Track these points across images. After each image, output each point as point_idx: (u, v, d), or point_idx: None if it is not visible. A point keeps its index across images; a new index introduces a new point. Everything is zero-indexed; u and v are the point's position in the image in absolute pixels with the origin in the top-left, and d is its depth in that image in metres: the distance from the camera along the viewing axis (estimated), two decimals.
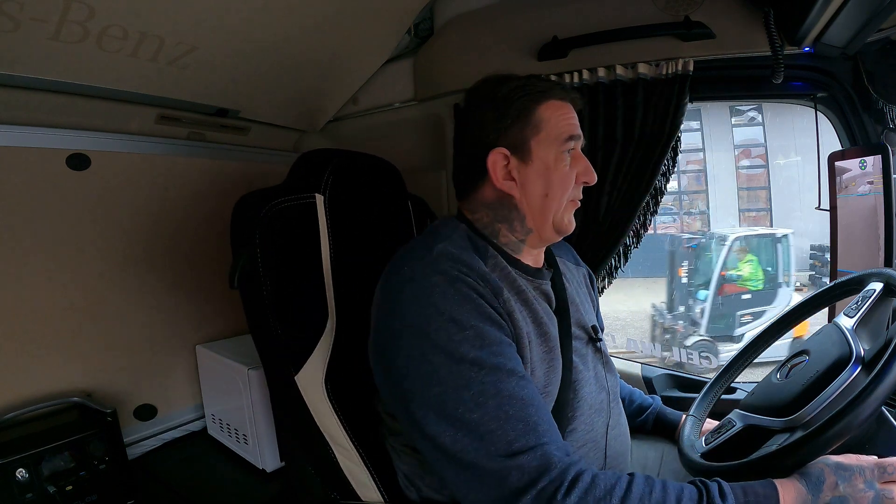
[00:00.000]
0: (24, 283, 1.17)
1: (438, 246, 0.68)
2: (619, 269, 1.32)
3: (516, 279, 0.73)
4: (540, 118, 0.73)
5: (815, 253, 10.85)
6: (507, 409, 0.57)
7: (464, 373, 0.59)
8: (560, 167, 0.74)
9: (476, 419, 0.57)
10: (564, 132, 0.74)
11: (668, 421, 0.98)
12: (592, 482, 0.55)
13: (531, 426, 0.57)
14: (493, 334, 0.61)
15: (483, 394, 0.58)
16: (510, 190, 0.74)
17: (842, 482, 0.55)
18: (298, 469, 0.97)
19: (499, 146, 0.73)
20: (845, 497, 0.55)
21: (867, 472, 0.56)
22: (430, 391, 0.60)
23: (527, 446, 0.56)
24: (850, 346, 0.63)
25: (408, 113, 1.52)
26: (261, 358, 0.90)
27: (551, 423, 0.60)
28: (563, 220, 0.76)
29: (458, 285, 0.63)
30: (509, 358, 0.61)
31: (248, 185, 0.99)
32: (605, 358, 0.84)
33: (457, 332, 0.60)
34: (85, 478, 1.10)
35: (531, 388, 0.61)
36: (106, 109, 1.21)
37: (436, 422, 0.59)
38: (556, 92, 0.75)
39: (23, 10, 0.83)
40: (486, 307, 0.63)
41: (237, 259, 0.83)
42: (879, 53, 0.99)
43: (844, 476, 0.56)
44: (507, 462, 0.55)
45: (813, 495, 0.55)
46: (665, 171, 1.19)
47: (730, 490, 0.55)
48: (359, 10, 1.17)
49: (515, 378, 0.60)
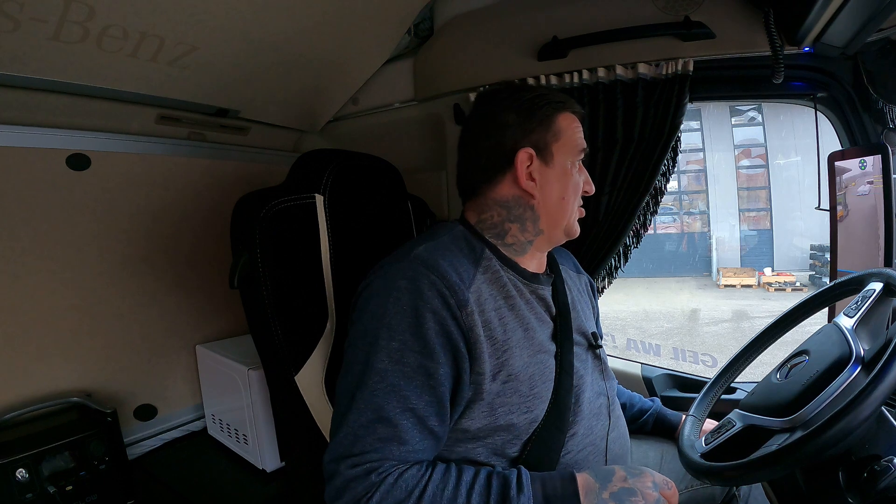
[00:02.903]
0: (24, 283, 1.17)
1: (419, 248, 0.69)
2: (619, 269, 1.32)
3: (507, 283, 0.74)
4: (560, 126, 0.78)
5: (815, 253, 10.88)
6: (376, 426, 0.61)
7: (367, 376, 0.63)
8: (574, 174, 0.79)
9: (355, 418, 0.62)
10: (579, 144, 0.79)
11: (667, 422, 0.98)
12: (393, 486, 0.58)
13: (385, 450, 0.60)
14: (412, 357, 0.63)
15: (369, 401, 0.62)
16: (531, 190, 0.77)
17: (631, 477, 0.63)
18: (298, 469, 0.97)
19: (526, 146, 0.76)
20: (634, 489, 0.62)
21: (657, 476, 0.65)
22: (346, 377, 0.66)
23: (364, 461, 0.59)
24: (850, 346, 0.63)
25: (408, 113, 1.52)
26: (261, 358, 0.90)
27: (410, 455, 0.62)
28: (573, 224, 0.81)
29: (415, 297, 0.64)
30: (414, 388, 0.63)
31: (248, 185, 0.99)
32: (604, 365, 0.85)
33: (386, 339, 0.63)
34: (85, 478, 1.10)
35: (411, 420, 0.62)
36: (106, 109, 1.21)
37: (338, 402, 0.66)
38: (571, 105, 0.81)
39: (23, 10, 0.83)
40: (428, 328, 0.64)
41: (237, 259, 0.83)
42: (879, 53, 0.99)
43: (634, 473, 0.64)
44: (344, 468, 0.60)
45: (600, 484, 0.62)
46: (665, 171, 1.19)
47: (527, 481, 0.61)
48: (359, 10, 1.17)
49: (403, 406, 0.62)
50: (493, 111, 0.79)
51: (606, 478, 0.63)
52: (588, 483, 0.62)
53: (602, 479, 0.63)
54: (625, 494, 0.61)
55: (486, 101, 0.81)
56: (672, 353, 6.52)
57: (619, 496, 0.61)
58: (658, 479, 0.64)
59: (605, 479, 0.63)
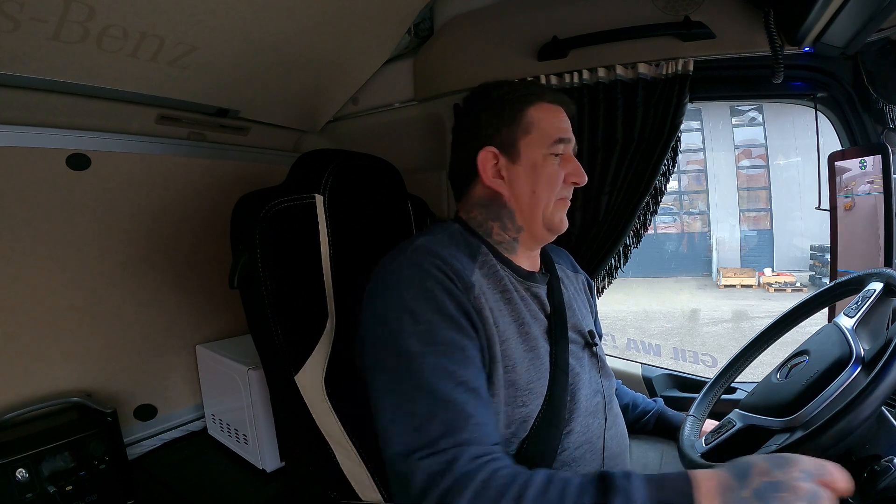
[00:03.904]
0: (24, 283, 1.17)
1: (419, 240, 0.70)
2: (619, 269, 1.32)
3: (503, 278, 0.75)
4: (531, 120, 0.77)
5: (815, 253, 10.88)
6: (436, 410, 0.58)
7: (406, 365, 0.61)
8: (547, 166, 0.77)
9: (408, 412, 0.59)
10: (553, 134, 0.77)
11: (669, 422, 0.98)
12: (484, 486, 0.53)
13: (455, 430, 0.57)
14: (444, 333, 0.62)
15: (419, 388, 0.60)
16: (499, 188, 0.78)
17: (775, 468, 0.51)
18: (298, 469, 0.97)
19: (489, 146, 0.77)
20: (779, 482, 0.50)
21: (807, 463, 0.51)
22: (380, 377, 0.64)
23: (439, 449, 0.56)
24: (850, 346, 0.63)
25: (408, 113, 1.52)
26: (261, 358, 0.90)
27: (480, 428, 0.59)
28: (553, 217, 0.79)
29: (425, 279, 0.65)
30: (454, 360, 0.62)
31: (248, 185, 0.98)
32: (602, 363, 0.85)
33: (411, 325, 0.62)
34: (85, 478, 1.10)
35: (468, 394, 0.60)
36: (106, 109, 1.21)
37: (383, 407, 0.62)
38: (547, 95, 0.79)
39: (23, 10, 0.82)
40: (447, 304, 0.64)
41: (237, 259, 0.83)
42: (879, 53, 0.98)
43: (779, 462, 0.52)
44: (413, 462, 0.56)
45: (739, 481, 0.51)
46: (665, 171, 1.19)
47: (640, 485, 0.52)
48: (359, 10, 1.17)
49: (453, 381, 0.60)
50: (468, 113, 0.82)
51: (745, 472, 0.51)
52: (722, 482, 0.51)
53: (739, 476, 0.51)
54: (769, 490, 0.49)
55: (464, 103, 0.83)
56: (672, 353, 6.53)
57: (763, 493, 0.49)
58: (809, 465, 0.51)
59: (743, 475, 0.51)
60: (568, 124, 0.80)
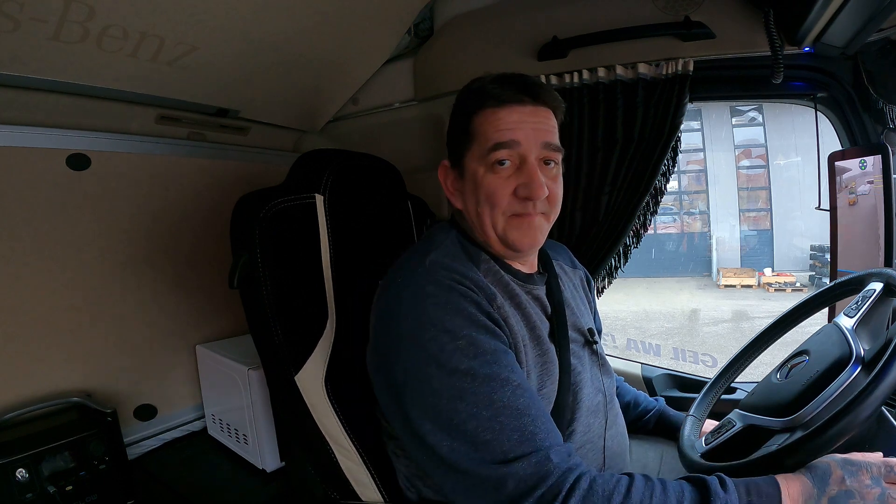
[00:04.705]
0: (24, 283, 1.17)
1: (431, 256, 0.69)
2: (619, 269, 1.32)
3: (509, 283, 0.74)
4: (474, 130, 0.71)
5: (815, 253, 10.86)
6: (502, 419, 0.57)
7: (457, 383, 0.59)
8: (488, 180, 0.70)
9: (471, 429, 0.57)
10: (490, 139, 0.69)
11: (669, 422, 0.98)
12: (591, 487, 0.55)
13: (527, 435, 0.57)
14: (486, 343, 0.61)
15: (477, 404, 0.58)
16: (456, 202, 0.77)
17: (848, 477, 0.55)
18: (298, 469, 0.97)
19: (446, 159, 0.77)
20: (851, 491, 0.54)
21: (874, 468, 0.56)
22: (426, 402, 0.60)
23: (523, 454, 0.56)
24: (850, 346, 0.63)
25: (408, 113, 1.52)
26: (261, 358, 0.90)
27: (550, 430, 0.60)
28: (507, 236, 0.71)
29: (452, 295, 0.63)
30: (504, 366, 0.61)
31: (248, 185, 0.98)
32: (602, 360, 0.85)
33: (450, 342, 0.60)
34: (85, 478, 1.10)
35: (528, 396, 0.60)
36: (106, 109, 1.21)
37: (433, 431, 0.59)
38: (490, 102, 0.70)
39: (23, 10, 0.83)
40: (479, 316, 0.63)
41: (237, 259, 0.83)
42: (879, 53, 0.98)
43: (851, 471, 0.55)
44: (503, 469, 0.55)
45: (819, 489, 0.55)
46: (665, 171, 1.19)
47: (733, 487, 0.55)
48: (359, 10, 1.17)
49: (510, 387, 0.59)
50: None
51: (824, 479, 0.55)
52: (806, 489, 0.55)
53: (820, 483, 0.55)
54: (843, 498, 0.55)
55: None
56: (672, 353, 6.52)
57: (837, 501, 0.55)
58: (876, 469, 0.56)
59: (823, 482, 0.55)
60: (512, 126, 0.69)
